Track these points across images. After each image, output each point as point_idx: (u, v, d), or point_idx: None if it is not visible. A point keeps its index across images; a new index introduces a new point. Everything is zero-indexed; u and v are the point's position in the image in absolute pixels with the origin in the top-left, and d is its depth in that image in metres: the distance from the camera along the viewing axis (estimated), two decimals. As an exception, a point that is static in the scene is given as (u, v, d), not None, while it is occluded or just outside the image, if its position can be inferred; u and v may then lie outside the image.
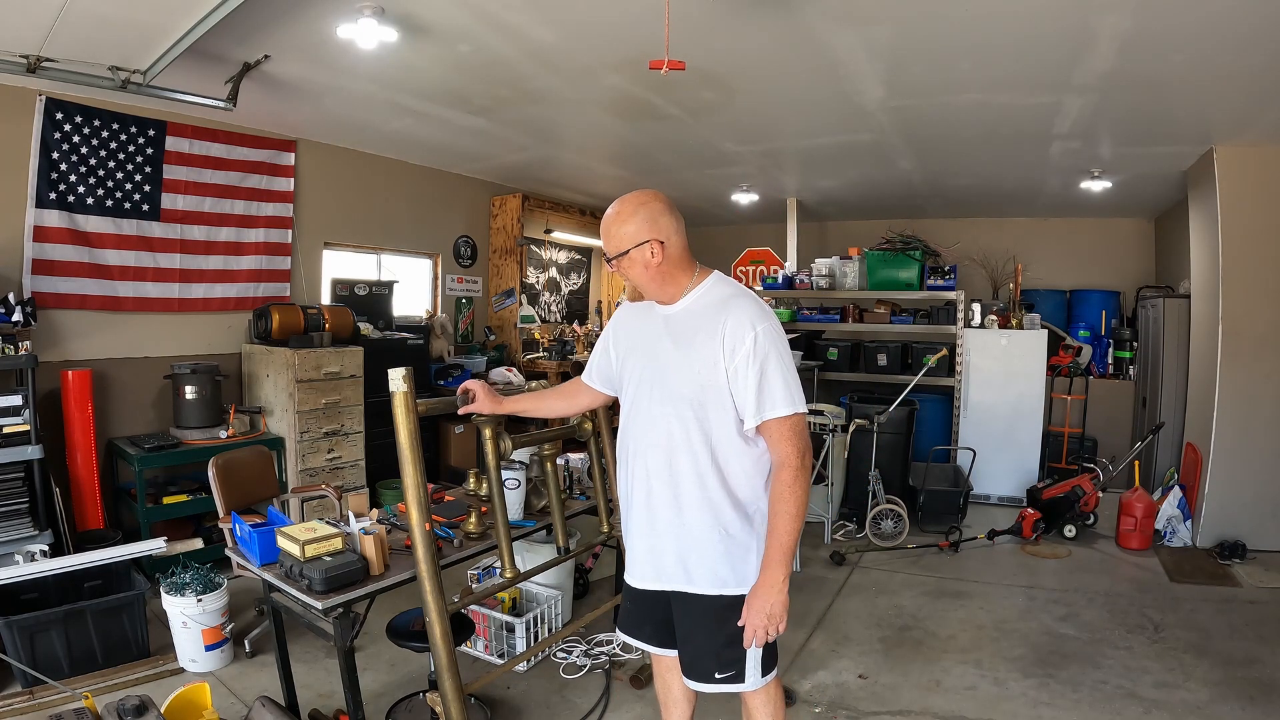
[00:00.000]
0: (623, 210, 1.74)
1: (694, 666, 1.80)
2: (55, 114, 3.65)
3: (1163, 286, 6.39)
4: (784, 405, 1.64)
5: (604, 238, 1.78)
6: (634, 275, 1.76)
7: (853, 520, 5.01)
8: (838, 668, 3.06)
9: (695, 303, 1.76)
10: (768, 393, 1.63)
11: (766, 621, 1.64)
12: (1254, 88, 3.45)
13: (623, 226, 1.74)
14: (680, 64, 2.65)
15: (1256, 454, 4.48)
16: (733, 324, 1.66)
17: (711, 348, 1.67)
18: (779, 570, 1.64)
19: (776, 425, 1.64)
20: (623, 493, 1.89)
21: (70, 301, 3.81)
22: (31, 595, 2.95)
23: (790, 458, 1.64)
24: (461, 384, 2.17)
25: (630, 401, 1.84)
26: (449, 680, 2.05)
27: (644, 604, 1.90)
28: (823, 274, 6.33)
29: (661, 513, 1.76)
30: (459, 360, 5.78)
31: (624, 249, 1.73)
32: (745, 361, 1.63)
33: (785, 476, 1.64)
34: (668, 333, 1.77)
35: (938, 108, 3.96)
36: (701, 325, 1.71)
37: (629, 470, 1.84)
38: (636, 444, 1.80)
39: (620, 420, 1.90)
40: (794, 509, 1.64)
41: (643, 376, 1.80)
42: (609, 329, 2.02)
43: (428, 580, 2.02)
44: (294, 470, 4.17)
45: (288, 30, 3.06)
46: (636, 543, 1.84)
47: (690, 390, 1.69)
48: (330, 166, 5.05)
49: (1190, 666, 3.06)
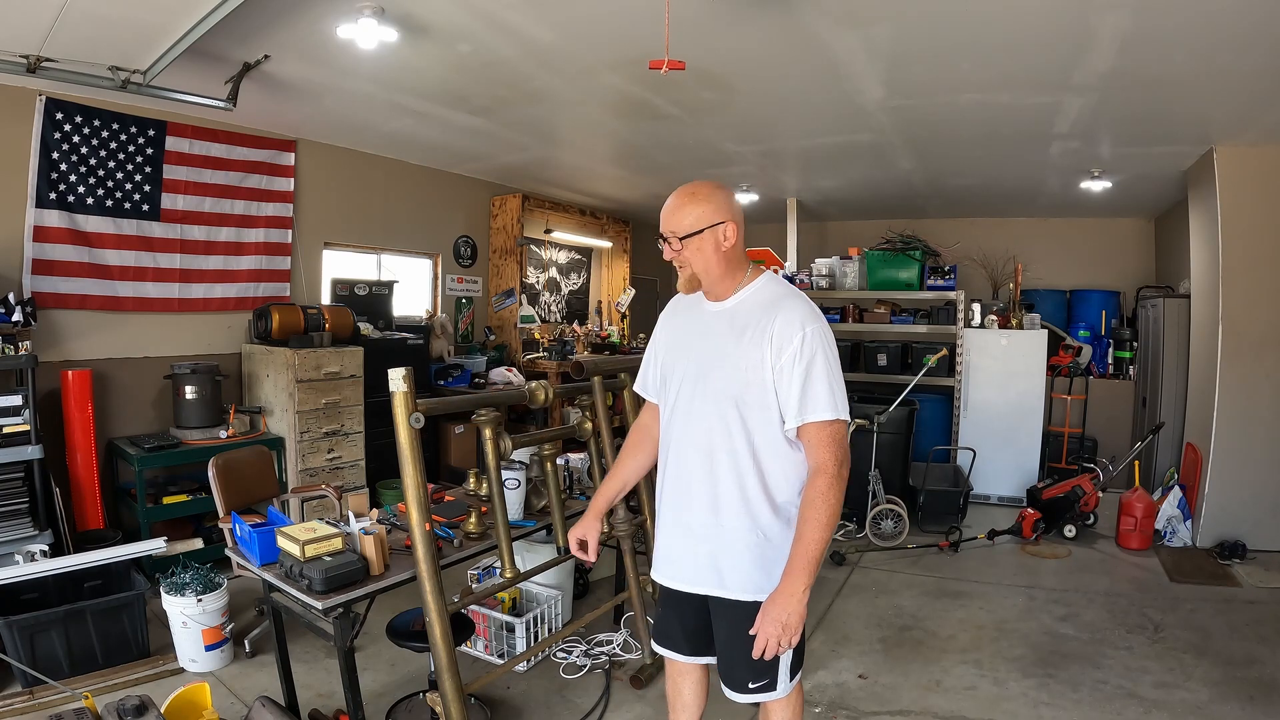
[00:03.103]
0: (698, 191, 1.69)
1: (731, 675, 1.78)
2: (55, 114, 3.65)
3: (1163, 286, 6.40)
4: (826, 409, 1.60)
5: (671, 218, 1.70)
6: (703, 259, 1.69)
7: (853, 520, 5.01)
8: (838, 668, 3.06)
9: (747, 300, 1.72)
10: (811, 394, 1.60)
11: (780, 632, 1.55)
12: (1254, 88, 3.45)
13: (697, 206, 1.68)
14: (680, 64, 2.65)
15: (1256, 454, 4.48)
16: (781, 323, 1.63)
17: (759, 346, 1.63)
18: (801, 579, 1.56)
19: (816, 429, 1.60)
20: (659, 491, 1.85)
21: (70, 301, 3.81)
22: (31, 595, 2.95)
23: (827, 464, 1.59)
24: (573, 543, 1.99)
25: (673, 399, 1.79)
26: (449, 680, 2.05)
27: (676, 608, 1.87)
28: (823, 274, 6.33)
29: (698, 513, 1.72)
30: (459, 360, 5.78)
31: (698, 228, 1.67)
32: (791, 360, 1.60)
33: (820, 483, 1.59)
34: (716, 329, 1.72)
35: (938, 108, 3.96)
36: (751, 323, 1.67)
37: (666, 468, 1.80)
38: (678, 443, 1.76)
39: (663, 420, 1.86)
40: (825, 517, 1.57)
41: (686, 373, 1.75)
42: (656, 329, 1.95)
43: (428, 580, 2.03)
44: (294, 470, 4.17)
45: (288, 30, 3.06)
46: (671, 542, 1.80)
47: (735, 388, 1.65)
48: (330, 166, 5.05)
49: (1190, 666, 3.06)
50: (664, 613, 1.93)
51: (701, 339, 1.75)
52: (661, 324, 1.93)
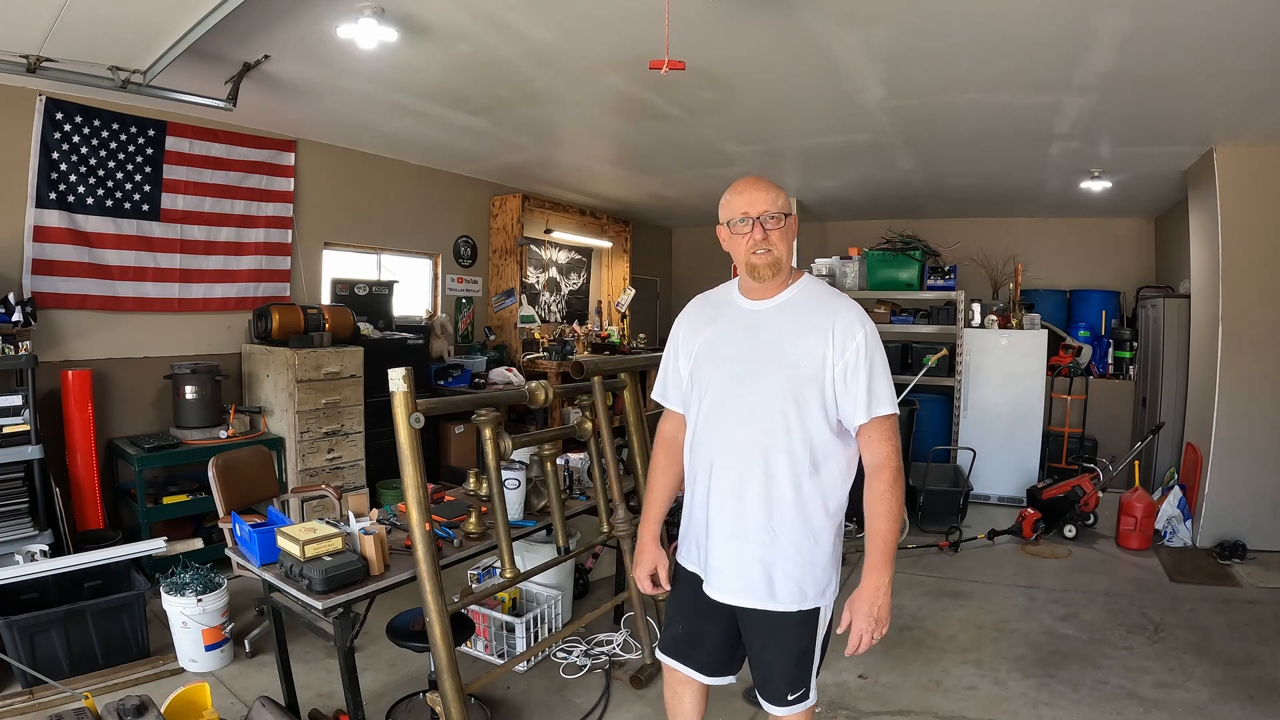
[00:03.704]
0: (769, 181, 1.70)
1: (768, 687, 1.75)
2: (55, 114, 3.65)
3: (1163, 286, 6.40)
4: (888, 404, 1.62)
5: (764, 197, 1.66)
6: (786, 245, 1.68)
7: (853, 520, 5.01)
8: (838, 668, 3.06)
9: (797, 297, 1.71)
10: (875, 391, 1.61)
11: (875, 625, 1.62)
12: (1254, 88, 3.45)
13: (780, 191, 1.70)
14: (680, 64, 2.65)
15: (1256, 454, 4.48)
16: (842, 322, 1.63)
17: (819, 344, 1.62)
18: (885, 571, 1.61)
19: (879, 424, 1.62)
20: (700, 501, 1.77)
21: (70, 301, 3.81)
22: (31, 595, 2.95)
23: (892, 457, 1.62)
24: (644, 580, 1.91)
25: (714, 402, 1.72)
26: (449, 680, 2.05)
27: (702, 623, 1.81)
28: (823, 274, 6.32)
29: (752, 520, 1.67)
30: (459, 360, 5.78)
31: (789, 210, 1.69)
32: (856, 359, 1.60)
33: (887, 476, 1.62)
34: (766, 326, 1.69)
35: (938, 108, 3.96)
36: (807, 321, 1.65)
37: (712, 475, 1.72)
38: (724, 446, 1.70)
39: (694, 423, 1.78)
40: (896, 509, 1.62)
41: (731, 374, 1.69)
42: (675, 337, 1.87)
43: (428, 580, 2.03)
44: (294, 470, 4.17)
45: (288, 30, 3.06)
46: (720, 549, 1.72)
47: (794, 386, 1.62)
48: (330, 166, 5.05)
49: (1190, 666, 3.06)
50: (686, 628, 1.85)
51: (747, 337, 1.70)
52: (686, 326, 1.85)
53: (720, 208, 1.75)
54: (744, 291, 1.77)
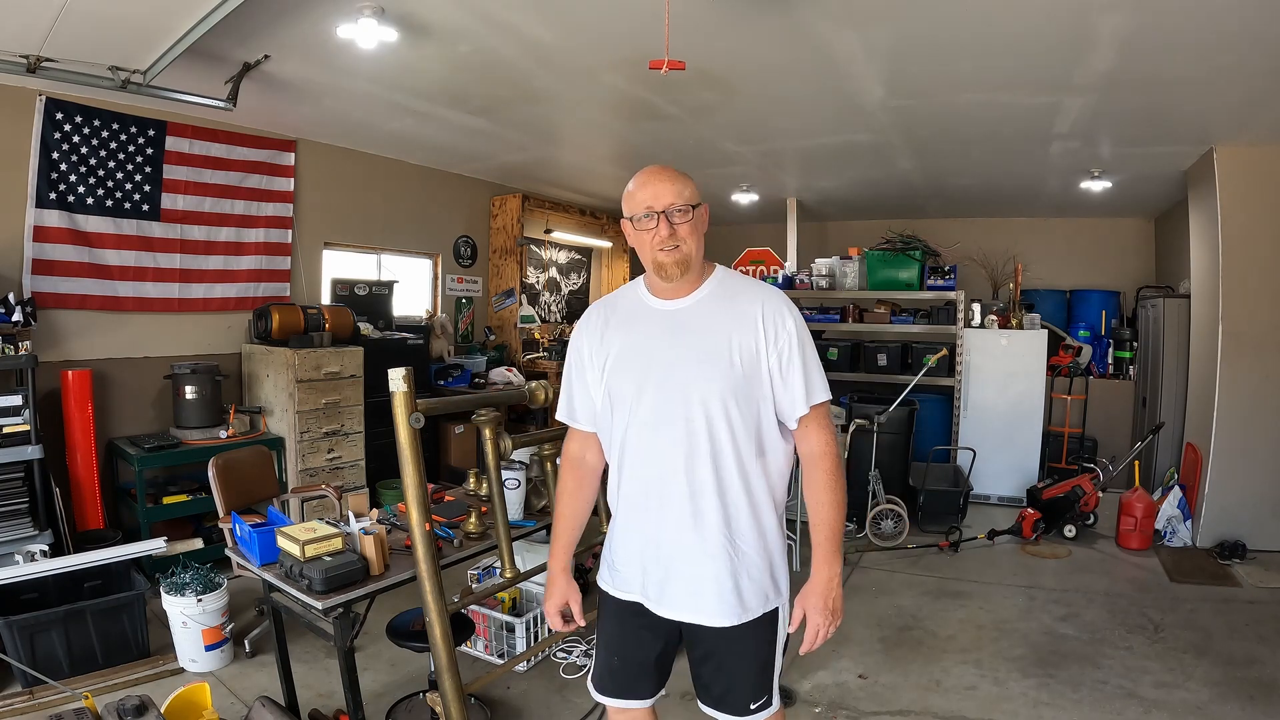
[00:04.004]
0: (676, 171, 1.59)
1: (728, 699, 1.62)
2: (55, 114, 3.65)
3: (1163, 286, 6.39)
4: (823, 390, 1.57)
5: (670, 188, 1.55)
6: (696, 239, 1.57)
7: (853, 520, 5.01)
8: (838, 668, 3.06)
9: (715, 291, 1.60)
10: (811, 379, 1.55)
11: (831, 619, 1.57)
12: (1254, 88, 3.45)
13: (688, 181, 1.58)
14: (680, 64, 2.65)
15: (1256, 454, 4.48)
16: (769, 311, 1.55)
17: (750, 337, 1.53)
18: (836, 563, 1.57)
19: (817, 412, 1.56)
20: (643, 523, 1.61)
21: (70, 301, 3.81)
22: (31, 595, 2.95)
23: (831, 444, 1.57)
24: (554, 616, 1.80)
25: (647, 415, 1.57)
26: (449, 680, 2.05)
27: (643, 651, 1.67)
28: (823, 274, 6.33)
29: (713, 534, 1.54)
30: (459, 360, 5.78)
31: (697, 201, 1.58)
32: (790, 348, 1.53)
33: (827, 465, 1.57)
34: (688, 326, 1.57)
35: (938, 108, 3.96)
36: (733, 314, 1.56)
37: (659, 495, 1.57)
38: (671, 462, 1.55)
39: (621, 442, 1.62)
40: (841, 498, 1.56)
41: (660, 383, 1.55)
42: (578, 350, 1.70)
43: (428, 580, 2.02)
44: (294, 470, 4.17)
45: (288, 30, 3.06)
46: (682, 571, 1.57)
47: (732, 386, 1.52)
48: (330, 166, 5.05)
49: (1190, 666, 3.06)
50: (625, 661, 1.70)
51: (671, 340, 1.57)
52: (589, 337, 1.68)
53: (623, 201, 1.62)
54: (655, 292, 1.63)
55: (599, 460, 1.75)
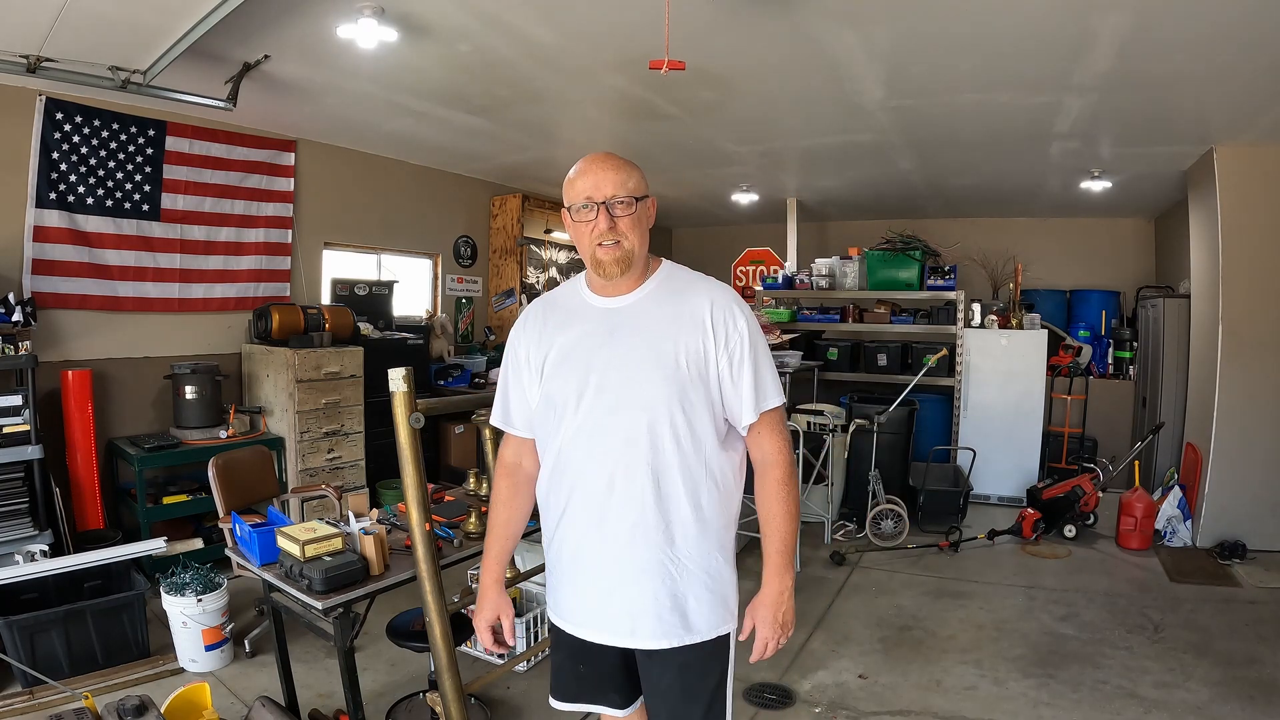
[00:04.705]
0: (621, 159, 1.48)
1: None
2: (55, 114, 3.65)
3: (1163, 286, 6.39)
4: (775, 395, 1.48)
5: (613, 177, 1.44)
6: (639, 234, 1.46)
7: (853, 520, 5.01)
8: (838, 668, 3.06)
9: (659, 288, 1.50)
10: (763, 383, 1.46)
11: (781, 632, 1.48)
12: (1254, 88, 3.45)
13: (634, 170, 1.47)
14: (680, 64, 2.65)
15: (1256, 454, 4.48)
16: (718, 310, 1.45)
17: (695, 338, 1.43)
18: (788, 575, 1.48)
19: (770, 418, 1.48)
20: (578, 540, 1.50)
21: (70, 301, 3.81)
22: (31, 595, 2.95)
23: (784, 451, 1.49)
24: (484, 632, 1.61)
25: (584, 422, 1.46)
26: (449, 680, 2.05)
27: (600, 661, 1.56)
28: (823, 274, 6.33)
29: (652, 552, 1.44)
30: (459, 360, 5.78)
31: (643, 193, 1.47)
32: (740, 350, 1.44)
33: (778, 474, 1.48)
34: (631, 326, 1.46)
35: (938, 108, 3.96)
36: (679, 313, 1.46)
37: (590, 506, 1.47)
38: (609, 472, 1.44)
39: (556, 449, 1.51)
40: (794, 507, 1.49)
41: (600, 386, 1.45)
42: (514, 350, 1.59)
43: (428, 580, 2.02)
44: (294, 470, 4.17)
45: (288, 30, 3.06)
46: (619, 592, 1.47)
47: (677, 390, 1.42)
48: (330, 166, 5.05)
49: (1190, 666, 3.06)
50: (586, 668, 1.59)
51: (612, 341, 1.46)
52: (527, 336, 1.57)
53: (563, 189, 1.51)
54: (595, 289, 1.52)
55: (536, 467, 1.61)
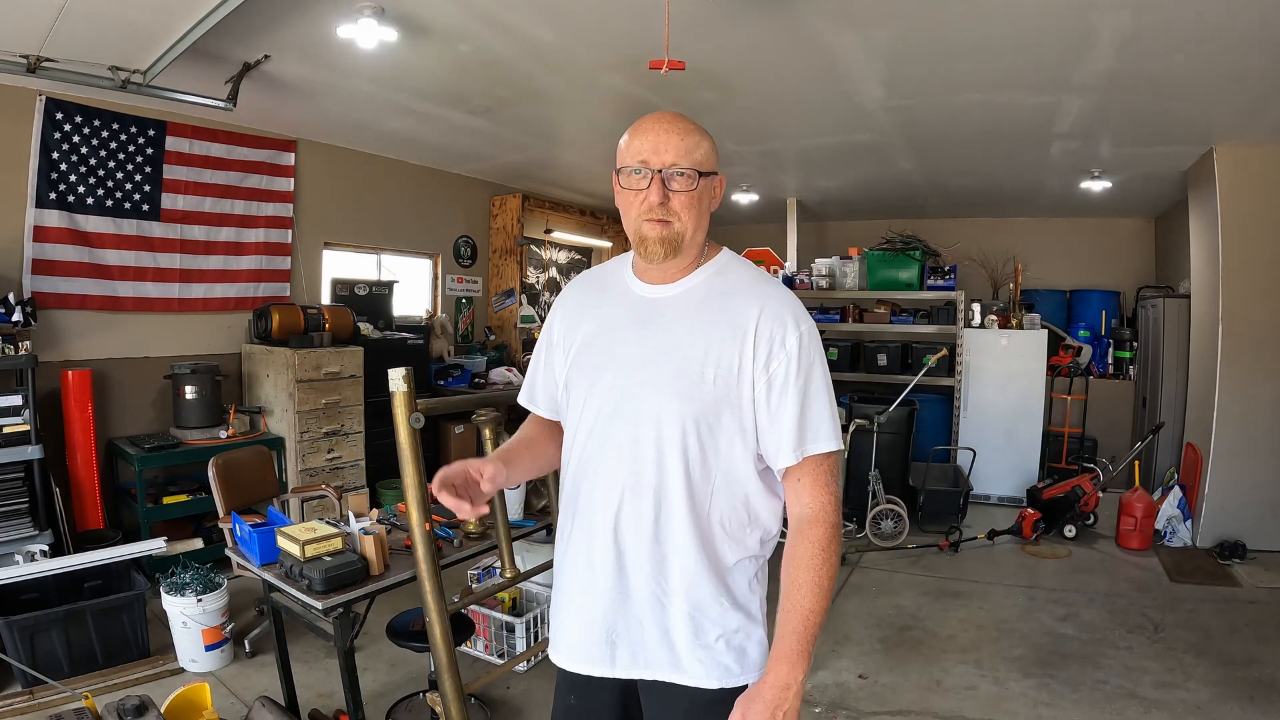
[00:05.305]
0: (692, 123, 1.21)
1: None
2: (55, 114, 3.65)
3: (1163, 286, 6.39)
4: (828, 438, 1.19)
5: (671, 142, 1.17)
6: (697, 214, 1.20)
7: (853, 520, 5.01)
8: (838, 668, 3.06)
9: (707, 283, 1.25)
10: (812, 419, 1.18)
11: None
12: (1254, 88, 3.45)
13: (705, 140, 1.21)
14: (680, 64, 2.65)
15: (1256, 454, 4.48)
16: (768, 319, 1.18)
17: (733, 348, 1.18)
18: (801, 664, 1.13)
19: (815, 465, 1.18)
20: (573, 551, 1.30)
21: (70, 301, 3.81)
22: (31, 595, 2.95)
23: (828, 510, 1.19)
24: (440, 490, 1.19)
25: (593, 425, 1.25)
26: (449, 680, 2.05)
27: (594, 697, 1.31)
28: (823, 274, 6.33)
29: (642, 581, 1.22)
30: (459, 360, 5.78)
31: (709, 168, 1.20)
32: (785, 373, 1.17)
33: (818, 534, 1.17)
34: (662, 324, 1.23)
35: (938, 108, 3.96)
36: (716, 318, 1.20)
37: (581, 519, 1.27)
38: (601, 486, 1.23)
39: (567, 443, 1.31)
40: (827, 581, 1.15)
41: (613, 387, 1.23)
42: (550, 327, 1.39)
43: (428, 580, 2.02)
44: (294, 470, 4.17)
45: (288, 30, 3.06)
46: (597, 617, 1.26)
47: (689, 409, 1.18)
48: (330, 166, 5.04)
49: (1190, 666, 3.06)
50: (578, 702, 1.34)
51: (639, 336, 1.24)
52: (563, 314, 1.37)
53: (618, 148, 1.24)
54: (638, 271, 1.29)
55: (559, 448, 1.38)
